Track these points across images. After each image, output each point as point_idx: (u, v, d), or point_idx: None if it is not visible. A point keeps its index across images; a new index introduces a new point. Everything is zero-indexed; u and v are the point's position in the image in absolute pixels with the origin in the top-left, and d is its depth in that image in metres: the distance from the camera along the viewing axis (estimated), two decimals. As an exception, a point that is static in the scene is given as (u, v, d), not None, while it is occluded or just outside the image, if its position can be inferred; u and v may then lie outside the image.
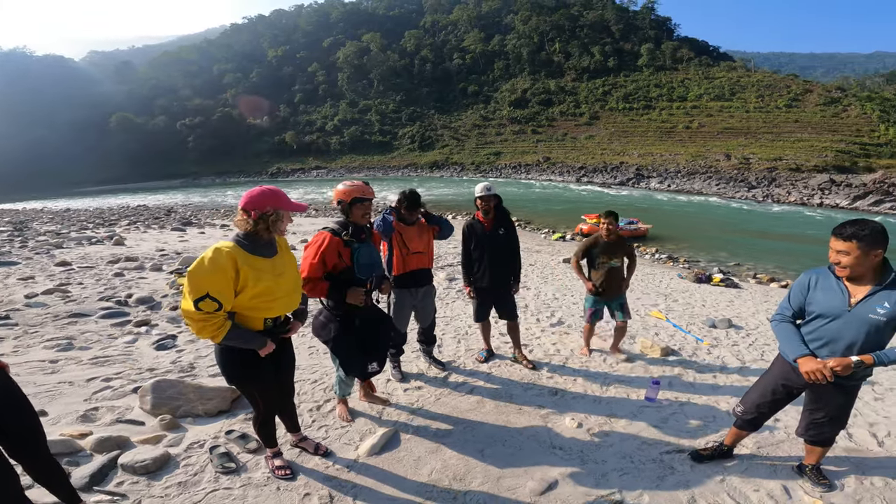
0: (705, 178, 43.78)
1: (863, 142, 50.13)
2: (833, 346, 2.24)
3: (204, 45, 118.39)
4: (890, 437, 3.21)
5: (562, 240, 16.56)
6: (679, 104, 68.74)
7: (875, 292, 2.11)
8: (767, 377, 2.60)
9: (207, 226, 16.81)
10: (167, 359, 4.09)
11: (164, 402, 3.07)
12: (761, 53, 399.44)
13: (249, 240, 2.09)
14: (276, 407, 2.53)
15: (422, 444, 2.94)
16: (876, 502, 2.50)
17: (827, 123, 55.70)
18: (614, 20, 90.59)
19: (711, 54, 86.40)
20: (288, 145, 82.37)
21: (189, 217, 22.10)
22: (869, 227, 2.07)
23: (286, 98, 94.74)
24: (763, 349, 5.09)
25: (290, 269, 2.28)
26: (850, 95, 63.52)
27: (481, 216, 3.84)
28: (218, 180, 71.35)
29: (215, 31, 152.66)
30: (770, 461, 2.84)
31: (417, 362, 4.15)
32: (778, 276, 12.28)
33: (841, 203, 31.89)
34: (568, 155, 61.21)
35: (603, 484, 2.60)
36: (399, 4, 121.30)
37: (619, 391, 3.78)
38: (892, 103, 62.00)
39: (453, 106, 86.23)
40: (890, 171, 40.26)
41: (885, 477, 2.72)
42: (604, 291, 4.20)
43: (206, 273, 1.92)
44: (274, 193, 2.11)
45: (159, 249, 9.24)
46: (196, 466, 2.58)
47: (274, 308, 2.19)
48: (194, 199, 41.31)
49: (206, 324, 1.96)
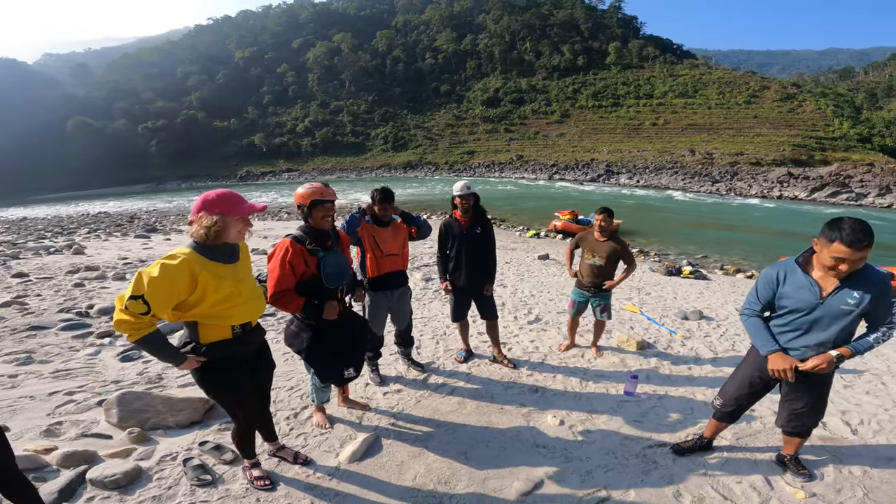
0: (672, 173, 45.18)
1: (818, 136, 52.65)
2: (807, 337, 2.27)
3: (166, 47, 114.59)
4: (863, 425, 3.31)
5: (536, 237, 16.72)
6: (645, 101, 70.77)
7: (843, 284, 2.15)
8: (743, 369, 2.62)
9: (174, 232, 16.26)
10: (133, 370, 3.93)
11: (132, 415, 2.95)
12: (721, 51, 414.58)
13: (205, 245, 2.00)
14: (257, 418, 2.46)
15: (404, 448, 2.89)
16: (856, 491, 2.55)
17: (784, 119, 58.26)
18: (583, 19, 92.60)
19: (675, 52, 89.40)
20: (257, 148, 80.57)
21: (154, 223, 21.34)
22: (868, 228, 2.04)
23: (254, 100, 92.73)
24: (734, 339, 5.23)
25: (250, 276, 2.23)
26: (805, 91, 66.75)
27: (459, 215, 3.81)
28: (184, 185, 69.14)
29: (178, 33, 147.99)
30: (750, 452, 2.89)
31: (396, 365, 4.09)
32: (743, 267, 12.75)
33: (799, 195, 33.44)
34: (540, 153, 62.09)
35: (588, 482, 2.60)
36: (370, 4, 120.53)
37: (598, 386, 3.81)
38: (845, 98, 65.44)
39: (426, 106, 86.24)
40: (844, 163, 42.43)
41: (863, 465, 2.79)
42: (588, 285, 4.22)
43: (152, 276, 1.84)
44: (218, 198, 2.00)
45: (122, 258, 8.87)
46: (170, 480, 2.48)
47: (235, 315, 2.10)
48: (159, 204, 39.88)
49: (131, 323, 1.85)
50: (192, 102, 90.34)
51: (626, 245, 4.14)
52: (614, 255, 4.07)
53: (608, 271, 4.16)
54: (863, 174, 36.28)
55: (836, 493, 2.53)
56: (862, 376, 4.23)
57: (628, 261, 4.10)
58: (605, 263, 4.09)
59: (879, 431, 3.24)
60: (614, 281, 4.17)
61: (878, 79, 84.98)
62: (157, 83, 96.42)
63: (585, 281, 4.23)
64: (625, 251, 4.09)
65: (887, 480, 2.65)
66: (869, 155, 47.37)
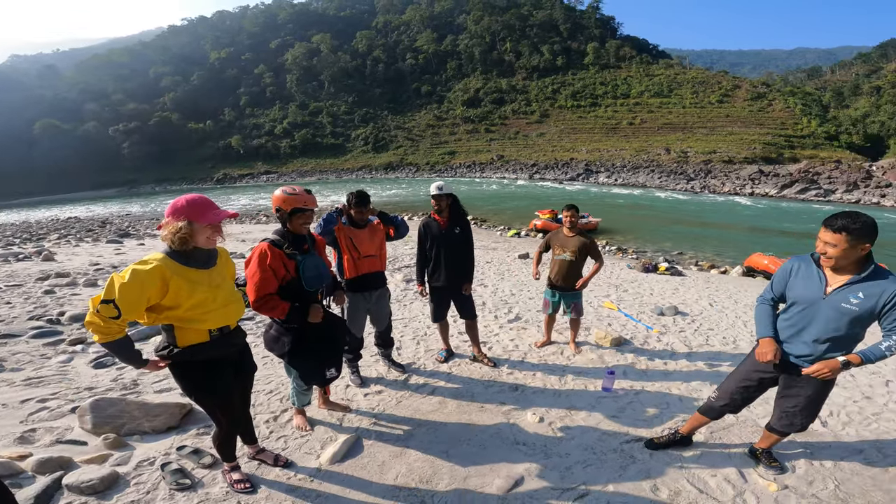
0: (648, 171, 46.06)
1: (787, 134, 54.45)
2: (805, 333, 2.26)
3: (138, 48, 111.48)
4: (833, 418, 3.40)
5: (517, 236, 16.85)
6: (623, 101, 72.08)
7: (852, 283, 2.11)
8: (742, 366, 2.64)
9: (147, 237, 15.87)
10: (107, 377, 3.86)
11: (106, 421, 2.93)
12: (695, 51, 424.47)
13: (178, 251, 2.01)
14: (240, 422, 2.46)
15: (385, 448, 2.91)
16: (827, 483, 2.62)
17: (755, 117, 60.08)
18: (562, 19, 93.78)
19: (651, 52, 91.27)
20: (234, 150, 79.06)
21: (126, 228, 20.77)
22: (860, 220, 2.03)
23: (231, 101, 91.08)
24: (707, 334, 5.36)
25: (228, 281, 2.23)
26: (775, 91, 68.96)
27: (436, 215, 3.85)
28: (158, 188, 67.51)
29: (150, 34, 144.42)
30: (723, 446, 2.97)
31: (377, 366, 4.10)
32: (717, 263, 13.08)
33: (770, 192, 34.46)
34: (521, 153, 62.60)
35: (568, 477, 2.65)
36: (350, 5, 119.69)
37: (577, 383, 3.88)
38: (813, 97, 67.81)
39: (407, 106, 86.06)
40: (813, 160, 43.95)
41: (834, 457, 2.86)
42: (557, 283, 4.30)
43: (123, 281, 1.86)
44: (186, 205, 2.00)
45: (93, 264, 8.63)
46: (148, 484, 2.47)
47: (210, 319, 2.11)
48: (132, 208, 38.81)
49: (101, 326, 1.89)
50: (165, 104, 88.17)
51: (594, 241, 4.25)
52: (583, 249, 4.17)
53: (578, 266, 4.25)
54: (830, 171, 37.58)
55: (808, 484, 2.60)
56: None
57: (596, 256, 4.20)
58: (575, 258, 4.18)
59: (849, 423, 3.33)
60: (584, 279, 4.24)
61: (845, 77, 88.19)
62: (128, 84, 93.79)
63: (556, 279, 4.31)
64: (593, 246, 4.19)
65: (857, 472, 2.72)
66: (836, 152, 49.23)
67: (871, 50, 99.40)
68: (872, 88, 68.96)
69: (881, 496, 2.52)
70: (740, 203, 30.46)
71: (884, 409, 3.59)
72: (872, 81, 73.50)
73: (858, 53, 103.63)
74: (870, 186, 32.71)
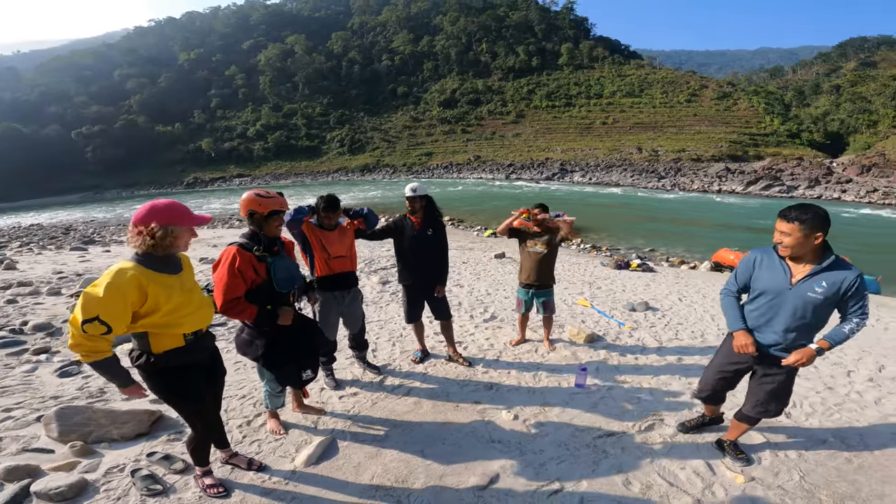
0: (621, 170, 47.04)
1: (752, 132, 56.39)
2: (775, 322, 2.38)
3: (102, 49, 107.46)
4: (796, 408, 3.47)
5: (493, 236, 16.97)
6: (596, 101, 73.41)
7: (815, 272, 2.24)
8: (717, 357, 2.76)
9: (114, 243, 15.35)
10: (73, 385, 3.77)
11: (73, 429, 2.90)
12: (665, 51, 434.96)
13: (149, 257, 1.99)
14: (216, 426, 2.45)
15: (361, 449, 2.91)
16: (793, 474, 2.68)
17: (721, 116, 62.06)
18: (537, 20, 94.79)
19: (623, 53, 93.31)
20: (205, 153, 76.96)
21: (91, 235, 20.07)
22: (811, 211, 2.17)
23: (201, 103, 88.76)
24: (677, 329, 5.52)
25: (197, 286, 2.24)
26: (740, 90, 71.39)
27: (411, 216, 3.87)
28: (125, 193, 65.09)
29: (115, 35, 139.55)
30: (692, 439, 3.04)
31: (352, 368, 4.09)
32: (687, 259, 13.49)
33: (736, 189, 35.64)
34: (497, 153, 63.01)
35: (542, 474, 2.69)
36: (325, 6, 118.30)
37: (550, 380, 3.94)
38: (776, 96, 70.44)
39: (383, 108, 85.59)
40: (776, 158, 45.70)
41: (798, 448, 2.93)
42: (532, 280, 4.35)
43: (100, 296, 1.82)
44: (166, 208, 2.00)
45: (57, 272, 8.32)
46: (118, 491, 2.44)
47: (186, 323, 2.11)
48: (97, 214, 37.38)
49: (88, 346, 1.86)
50: (131, 106, 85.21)
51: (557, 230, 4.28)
52: (551, 240, 4.25)
53: (550, 259, 4.31)
54: (793, 168, 39.19)
55: (773, 476, 2.66)
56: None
57: (554, 234, 4.23)
58: (546, 250, 4.25)
59: (812, 414, 3.41)
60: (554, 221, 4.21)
61: (806, 77, 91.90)
62: (91, 87, 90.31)
63: (531, 275, 4.36)
64: (556, 235, 4.24)
65: (822, 462, 2.79)
66: (798, 150, 51.25)
67: (831, 49, 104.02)
68: (832, 87, 72.13)
69: (846, 487, 2.58)
70: (709, 200, 31.42)
71: (846, 399, 3.69)
72: (832, 80, 76.89)
73: (819, 53, 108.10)
74: (831, 182, 34.21)
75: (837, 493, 2.54)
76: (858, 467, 2.78)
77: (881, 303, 8.59)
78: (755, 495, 2.51)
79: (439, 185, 46.69)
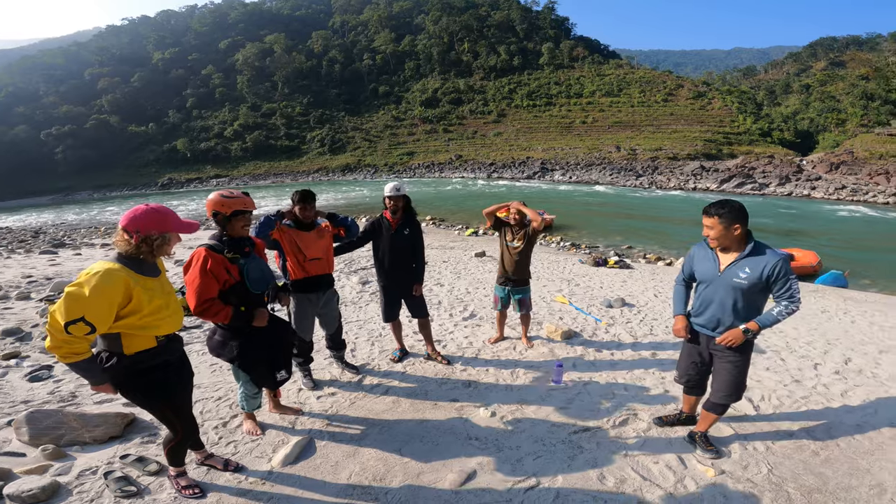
0: (601, 168, 47.67)
1: (725, 131, 57.71)
2: (711, 307, 2.63)
3: (73, 49, 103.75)
4: (764, 401, 3.56)
5: (475, 235, 17.06)
6: (576, 100, 74.17)
7: (739, 259, 2.49)
8: (685, 347, 2.95)
9: (85, 246, 14.92)
10: (43, 390, 3.70)
11: (44, 433, 2.89)
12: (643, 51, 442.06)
13: (133, 260, 2.01)
14: (195, 427, 2.45)
15: (338, 448, 2.92)
16: (761, 467, 2.74)
17: (696, 116, 63.38)
18: (519, 20, 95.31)
19: (602, 52, 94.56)
20: (181, 153, 75.01)
21: (62, 238, 19.49)
22: (728, 206, 2.45)
23: (176, 103, 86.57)
24: (651, 324, 5.65)
25: (172, 288, 2.26)
26: (714, 90, 73.06)
27: (389, 215, 3.87)
28: (97, 195, 63.01)
29: (87, 34, 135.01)
30: (665, 433, 3.12)
31: (330, 369, 4.09)
32: (663, 255, 13.79)
33: (711, 186, 36.49)
34: (479, 152, 63.15)
35: (519, 469, 2.73)
36: (306, 5, 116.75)
37: (528, 377, 3.99)
38: (748, 96, 72.32)
39: (364, 107, 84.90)
40: (748, 156, 46.89)
41: (766, 440, 3.01)
42: (510, 274, 4.39)
43: (86, 296, 1.82)
44: (160, 214, 2.03)
45: (26, 276, 8.07)
46: (91, 493, 2.44)
47: (163, 326, 2.13)
48: (68, 217, 36.23)
49: (69, 347, 1.86)
50: (103, 106, 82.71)
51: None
52: (528, 235, 4.30)
53: (526, 254, 4.36)
54: (764, 166, 40.25)
55: (742, 469, 2.72)
56: (763, 353, 4.61)
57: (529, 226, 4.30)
58: (523, 244, 4.31)
59: (779, 407, 3.49)
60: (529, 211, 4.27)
61: (777, 76, 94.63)
62: (62, 87, 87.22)
63: (509, 270, 4.41)
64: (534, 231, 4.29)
65: (789, 455, 2.86)
66: (770, 148, 52.62)
67: (801, 50, 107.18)
68: (802, 87, 74.49)
69: (812, 479, 2.65)
70: (685, 198, 32.08)
71: (812, 391, 3.79)
72: (802, 80, 79.36)
73: (789, 53, 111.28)
74: (801, 179, 35.26)
75: (805, 486, 2.59)
76: (825, 460, 2.84)
77: (848, 296, 8.93)
78: (725, 488, 2.57)
79: (421, 184, 46.60)
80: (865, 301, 8.44)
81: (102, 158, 73.71)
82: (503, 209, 4.37)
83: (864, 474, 2.72)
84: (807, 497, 2.52)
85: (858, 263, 13.36)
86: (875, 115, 55.35)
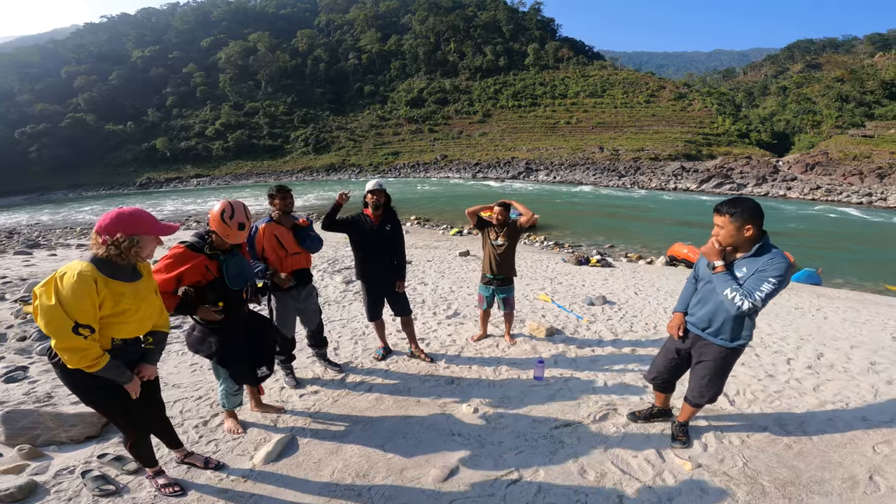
0: (584, 168, 48.21)
1: (705, 132, 58.85)
2: (708, 305, 2.58)
3: (49, 46, 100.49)
4: (739, 396, 3.62)
5: (459, 235, 17.14)
6: (560, 101, 74.82)
7: (739, 259, 2.40)
8: (665, 344, 2.96)
9: (60, 247, 14.57)
10: (19, 391, 3.63)
11: (20, 433, 2.89)
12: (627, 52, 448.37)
13: (106, 263, 1.97)
14: (144, 425, 2.37)
15: (321, 445, 2.92)
16: (736, 460, 2.79)
17: (677, 117, 64.50)
18: (505, 21, 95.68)
19: (587, 53, 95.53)
20: (160, 152, 73.37)
21: (36, 238, 19.05)
22: (740, 205, 2.31)
23: (156, 101, 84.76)
24: (632, 321, 5.75)
25: (153, 296, 2.21)
26: (694, 91, 74.43)
27: (370, 211, 3.88)
28: (72, 195, 61.28)
29: (64, 32, 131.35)
30: (644, 428, 3.16)
31: (313, 367, 4.08)
32: (644, 254, 14.02)
33: (690, 186, 37.19)
34: (464, 152, 63.27)
35: (501, 464, 2.76)
36: (291, 3, 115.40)
37: (510, 374, 4.04)
38: (727, 97, 73.86)
39: (349, 107, 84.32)
40: (727, 157, 47.89)
41: (741, 433, 3.06)
42: (495, 271, 4.42)
43: (71, 302, 1.82)
44: (132, 217, 1.99)
45: (0, 277, 7.90)
46: (69, 492, 2.43)
47: (123, 330, 2.08)
48: (43, 217, 35.23)
49: (85, 353, 1.89)
50: (79, 105, 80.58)
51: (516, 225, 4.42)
52: (511, 231, 4.36)
53: (510, 252, 4.41)
54: (742, 166, 41.17)
55: (719, 462, 2.77)
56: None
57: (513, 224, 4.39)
58: (506, 242, 4.35)
59: (754, 401, 3.55)
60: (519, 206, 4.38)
61: (755, 78, 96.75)
62: (37, 84, 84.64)
63: (493, 268, 4.44)
64: (517, 228, 4.39)
65: (763, 449, 2.91)
66: (747, 149, 53.82)
67: (779, 52, 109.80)
68: (779, 89, 76.32)
69: (786, 472, 2.69)
70: (666, 197, 32.65)
71: (785, 386, 3.86)
72: (779, 82, 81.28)
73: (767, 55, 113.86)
74: (777, 180, 36.19)
75: (779, 479, 2.64)
76: (798, 453, 2.89)
77: (821, 293, 9.20)
78: (702, 481, 2.62)
79: (406, 184, 46.47)
80: (838, 298, 8.70)
81: (78, 157, 71.75)
82: (486, 209, 4.42)
83: (837, 467, 2.76)
84: (781, 490, 2.56)
85: (831, 262, 13.74)
86: (849, 117, 56.96)
